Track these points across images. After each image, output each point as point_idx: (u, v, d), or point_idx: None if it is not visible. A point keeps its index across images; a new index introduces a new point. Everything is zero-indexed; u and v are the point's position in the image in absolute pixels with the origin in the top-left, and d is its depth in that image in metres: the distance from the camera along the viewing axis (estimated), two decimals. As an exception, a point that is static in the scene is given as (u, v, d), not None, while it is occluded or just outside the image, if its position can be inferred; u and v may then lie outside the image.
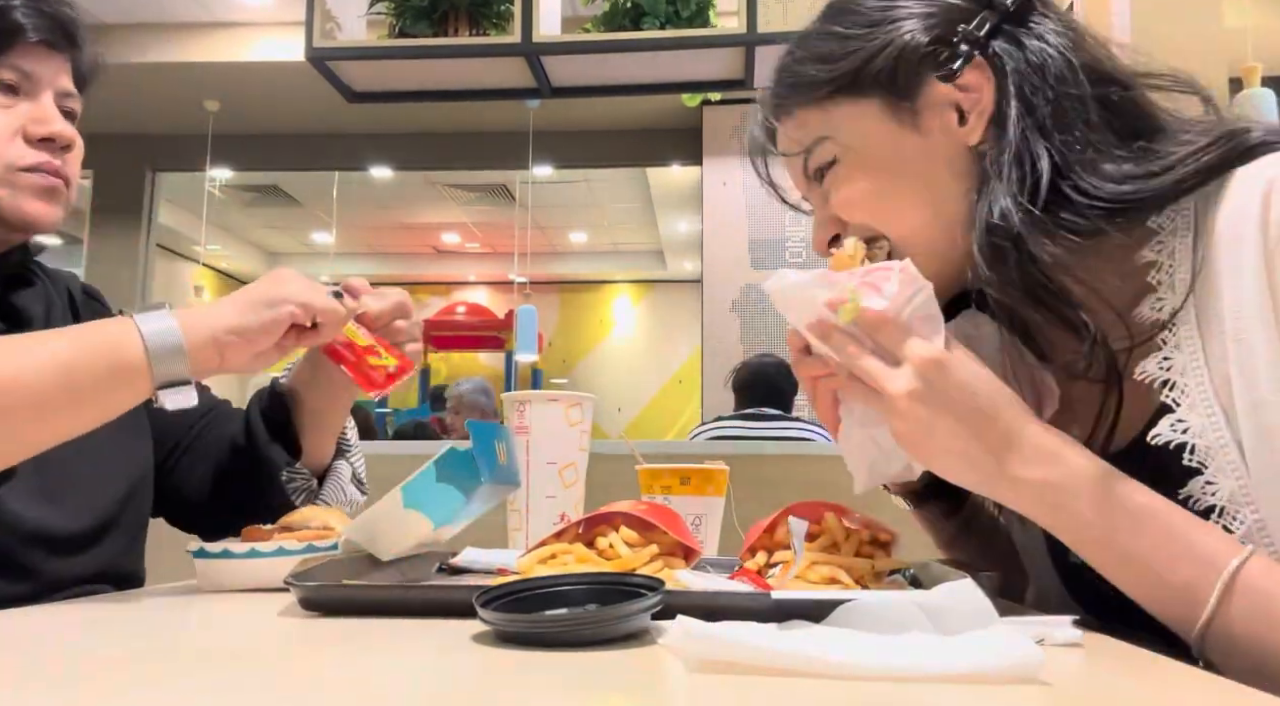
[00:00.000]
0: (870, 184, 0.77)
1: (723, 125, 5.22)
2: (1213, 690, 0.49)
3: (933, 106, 0.75)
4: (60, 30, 0.94)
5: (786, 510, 0.79)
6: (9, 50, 0.91)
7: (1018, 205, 0.69)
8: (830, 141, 0.78)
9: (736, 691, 0.45)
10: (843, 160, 0.78)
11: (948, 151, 0.75)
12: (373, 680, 0.48)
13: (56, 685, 0.47)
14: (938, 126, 0.75)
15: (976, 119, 0.74)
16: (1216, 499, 0.65)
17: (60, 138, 0.93)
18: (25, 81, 0.92)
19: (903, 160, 0.76)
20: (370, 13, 2.66)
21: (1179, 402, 0.67)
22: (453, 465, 0.76)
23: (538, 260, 8.17)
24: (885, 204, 0.77)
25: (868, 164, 0.77)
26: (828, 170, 0.79)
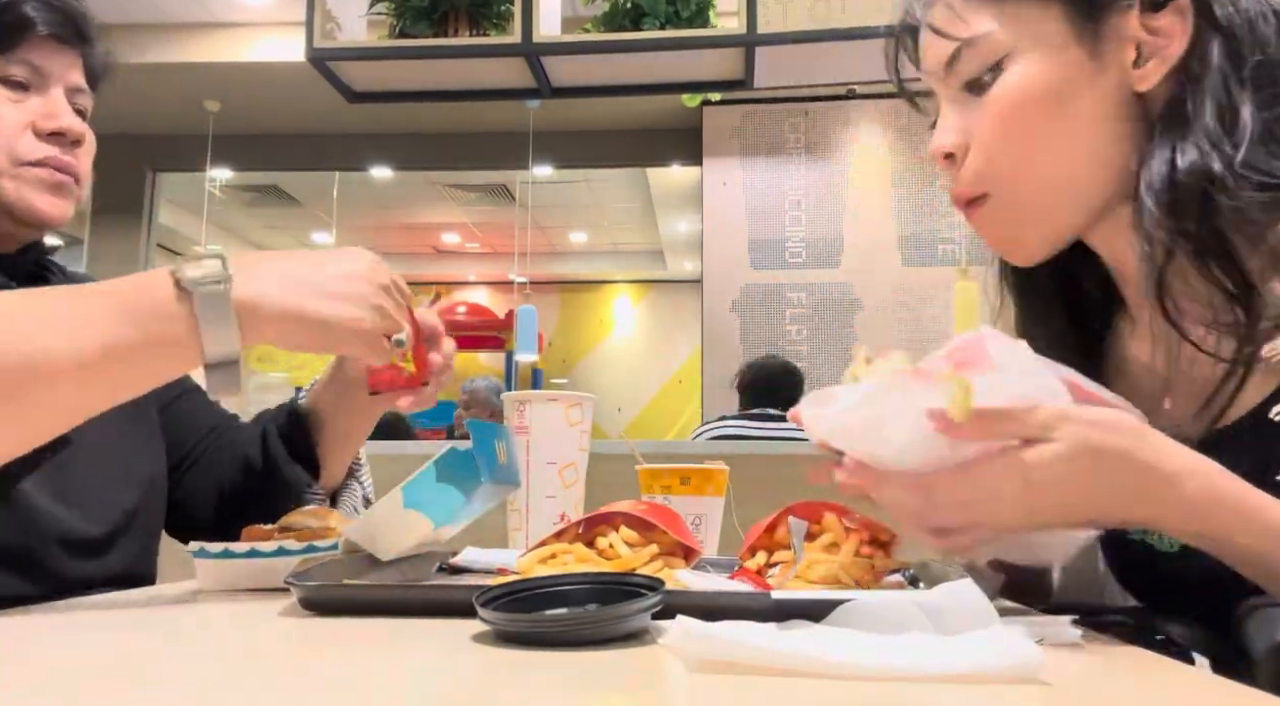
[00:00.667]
0: (1035, 94, 0.71)
1: (723, 125, 5.22)
2: (1213, 690, 0.49)
3: (1116, 36, 0.70)
4: (71, 25, 0.93)
5: (786, 510, 0.79)
6: (19, 45, 0.90)
7: (1219, 153, 0.65)
8: (997, 38, 0.71)
9: (736, 691, 0.45)
10: (1008, 67, 0.71)
11: (1116, 92, 0.71)
12: (373, 680, 0.48)
13: (56, 685, 0.47)
14: (1115, 61, 0.70)
15: (1156, 65, 0.69)
16: None
17: (70, 132, 0.92)
18: (35, 76, 0.91)
19: (1073, 85, 0.70)
20: (370, 13, 2.66)
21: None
22: (453, 465, 0.76)
23: (538, 260, 8.16)
24: (1040, 129, 0.71)
25: (1037, 77, 0.71)
26: (986, 73, 0.72)
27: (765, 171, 5.18)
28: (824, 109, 5.13)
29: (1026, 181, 0.72)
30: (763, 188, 5.16)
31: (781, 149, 5.18)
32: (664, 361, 8.97)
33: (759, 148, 5.21)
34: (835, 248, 5.05)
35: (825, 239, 5.06)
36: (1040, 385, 0.60)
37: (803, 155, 5.16)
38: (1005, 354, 0.59)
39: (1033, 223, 0.74)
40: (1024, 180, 0.72)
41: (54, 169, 0.91)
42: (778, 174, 5.16)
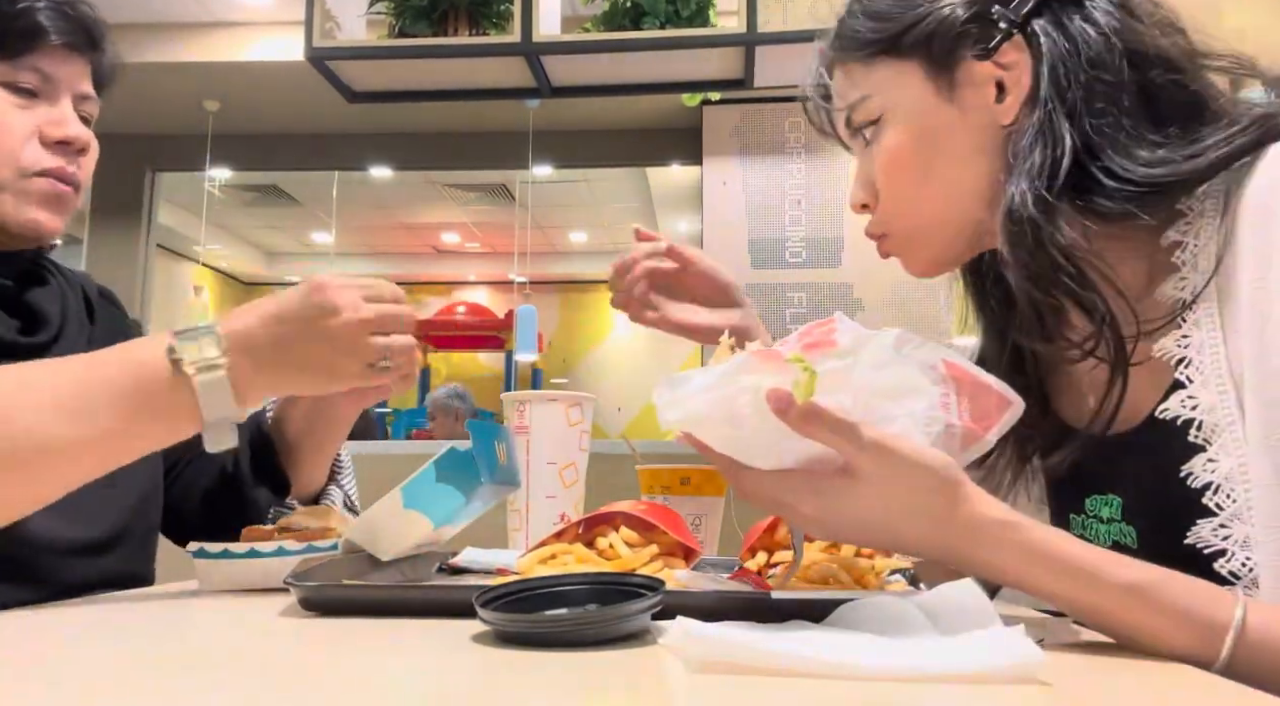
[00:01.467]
0: (905, 149, 0.78)
1: (723, 125, 5.22)
2: (1213, 690, 0.49)
3: (972, 81, 0.75)
4: (83, 33, 0.93)
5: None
6: (30, 52, 0.90)
7: (1033, 189, 0.70)
8: (873, 100, 0.79)
9: (736, 691, 0.45)
10: (884, 121, 0.79)
11: (981, 128, 0.76)
12: (373, 680, 0.48)
13: (56, 685, 0.47)
14: (975, 102, 0.76)
15: (1013, 98, 0.74)
16: (1215, 475, 0.65)
17: (76, 141, 0.92)
18: (45, 84, 0.91)
19: (936, 130, 0.77)
20: (370, 12, 2.66)
21: (1192, 379, 0.67)
22: (453, 465, 0.76)
23: (538, 260, 8.16)
24: (916, 175, 0.78)
25: (905, 128, 0.78)
26: (870, 128, 0.80)
27: (765, 171, 5.18)
28: (824, 109, 5.12)
29: (912, 219, 0.80)
30: (763, 187, 5.16)
31: (781, 149, 5.18)
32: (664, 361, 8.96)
33: (759, 147, 5.20)
34: (835, 248, 5.05)
35: (825, 239, 5.05)
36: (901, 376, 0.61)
37: (803, 155, 5.16)
38: (851, 339, 0.60)
39: (919, 251, 0.83)
40: (910, 219, 0.80)
41: (56, 179, 0.91)
42: (778, 174, 5.16)
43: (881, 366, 0.61)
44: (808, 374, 0.56)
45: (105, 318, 1.07)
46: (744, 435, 0.60)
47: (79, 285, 1.05)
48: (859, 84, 0.81)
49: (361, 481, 1.19)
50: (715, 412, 0.59)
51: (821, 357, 0.58)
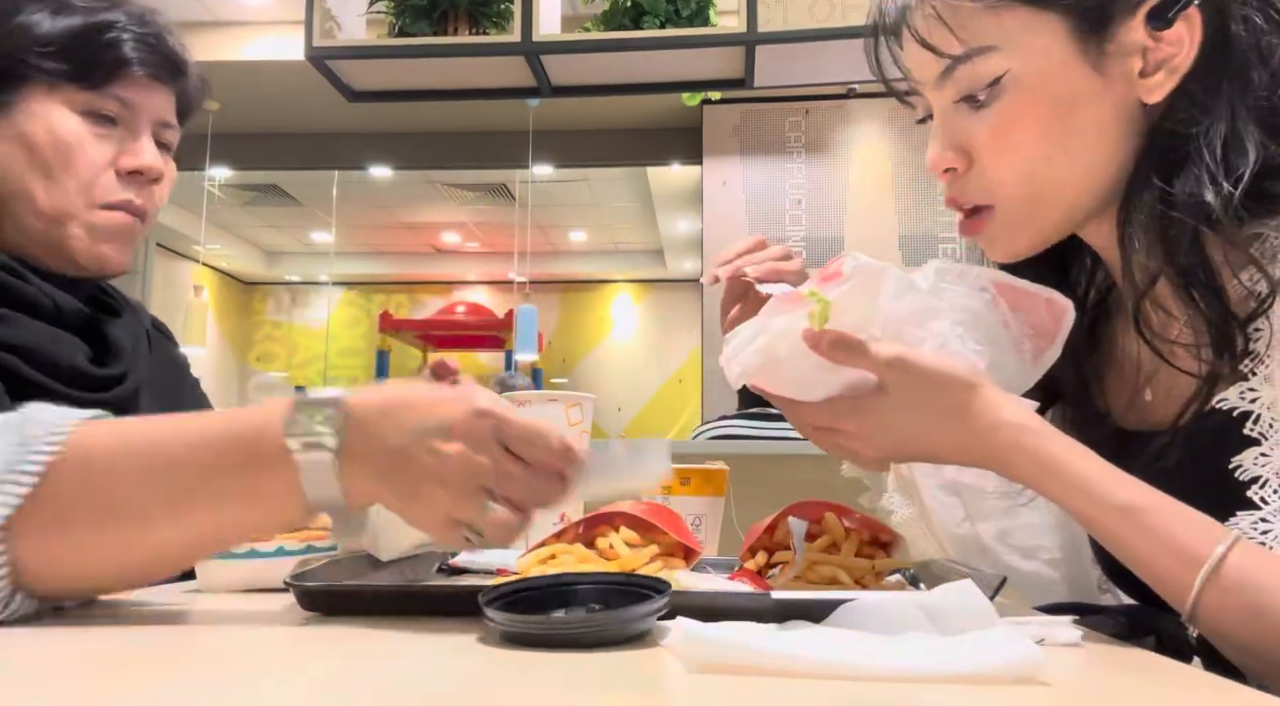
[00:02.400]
0: (1036, 114, 0.69)
1: (723, 124, 5.22)
2: (1212, 690, 0.49)
3: (1123, 49, 0.68)
4: (168, 65, 0.95)
5: (786, 510, 0.79)
6: (114, 82, 0.91)
7: (1217, 189, 0.64)
8: (998, 54, 0.69)
9: (737, 691, 0.45)
10: (1009, 79, 0.69)
11: (1120, 102, 0.69)
12: (373, 680, 0.48)
13: (56, 685, 0.47)
14: (1121, 72, 0.68)
15: (1165, 76, 0.68)
16: (1266, 470, 0.64)
17: (149, 172, 0.93)
18: (125, 112, 0.92)
19: (1074, 97, 0.68)
20: (370, 12, 2.66)
21: (1254, 372, 0.66)
22: None
23: (538, 260, 8.16)
24: (1043, 147, 0.70)
25: (1037, 90, 0.69)
26: (983, 89, 0.70)
27: (765, 171, 5.18)
28: (824, 109, 5.13)
29: (1029, 195, 0.72)
30: (763, 187, 5.17)
31: (781, 149, 5.18)
32: (664, 361, 8.97)
33: (759, 147, 5.21)
34: (835, 248, 5.05)
35: (825, 239, 5.06)
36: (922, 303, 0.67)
37: (803, 155, 5.16)
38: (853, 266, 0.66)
39: (1031, 230, 0.75)
40: (1026, 194, 0.72)
41: (127, 212, 0.92)
42: (778, 174, 5.16)
43: (902, 294, 0.67)
44: (820, 304, 0.63)
45: (160, 350, 1.08)
46: (791, 375, 0.67)
47: (141, 316, 1.06)
48: (980, 32, 0.69)
49: None
50: (763, 360, 0.66)
51: (832, 287, 0.64)
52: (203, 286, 6.27)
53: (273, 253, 9.45)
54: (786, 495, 0.84)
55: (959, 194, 0.75)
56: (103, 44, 0.89)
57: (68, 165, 0.89)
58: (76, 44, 0.89)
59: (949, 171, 0.74)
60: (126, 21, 0.91)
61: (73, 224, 0.90)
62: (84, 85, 0.90)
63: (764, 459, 2.39)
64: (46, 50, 0.88)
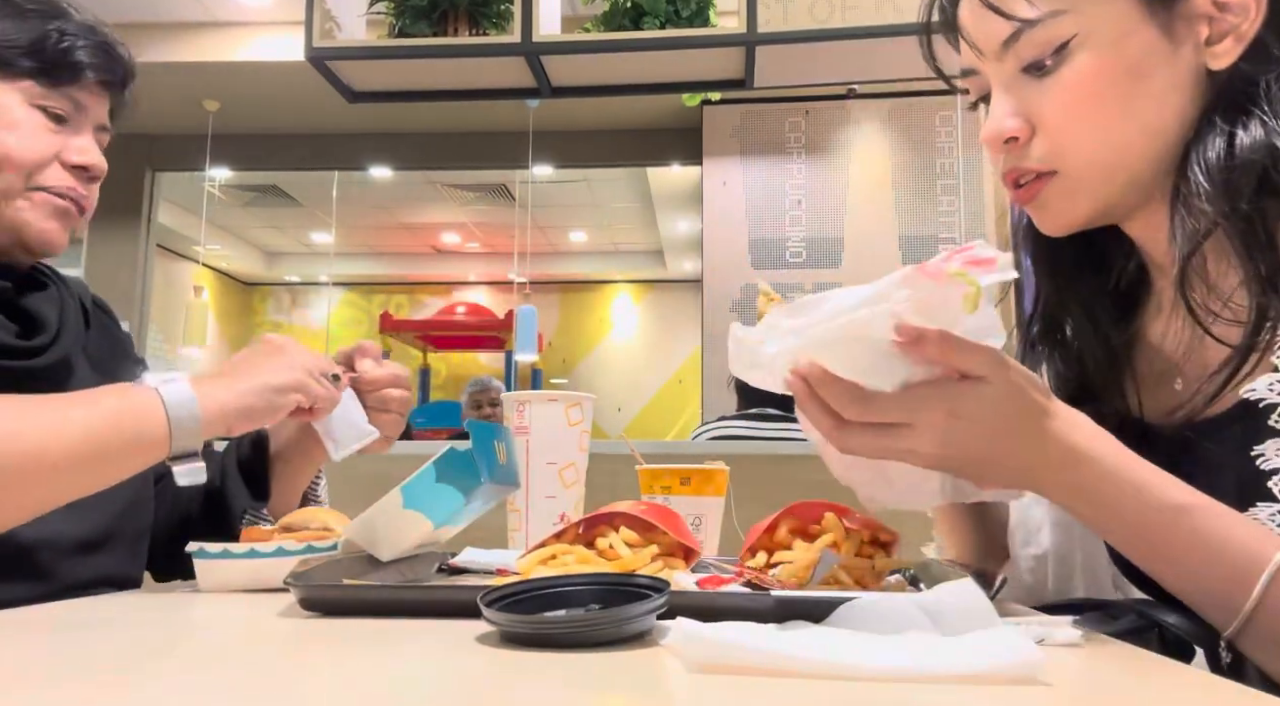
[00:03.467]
0: (1106, 77, 0.68)
1: (723, 125, 5.22)
2: (1213, 690, 0.49)
3: (1189, 14, 0.68)
4: (118, 74, 1.01)
5: (786, 510, 0.79)
6: (68, 84, 0.96)
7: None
8: (1069, 17, 0.68)
9: (737, 691, 0.45)
10: (1077, 43, 0.68)
11: (1187, 67, 0.69)
12: (373, 680, 0.48)
13: (56, 685, 0.47)
14: (1188, 37, 0.69)
15: (1233, 43, 0.68)
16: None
17: (94, 169, 0.99)
18: (75, 112, 0.98)
19: (1143, 61, 0.68)
20: (370, 13, 2.66)
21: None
22: (452, 465, 0.76)
23: (538, 260, 8.17)
24: (1112, 112, 0.69)
25: (1107, 54, 0.68)
26: (1050, 56, 0.69)
27: (765, 171, 5.18)
28: (824, 109, 5.13)
29: (1096, 160, 0.71)
30: (763, 187, 5.16)
31: (781, 149, 5.18)
32: (664, 361, 8.97)
33: (759, 147, 5.21)
34: (835, 248, 5.05)
35: (825, 239, 5.06)
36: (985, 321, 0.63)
37: (803, 155, 5.16)
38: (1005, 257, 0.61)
39: (1093, 197, 0.73)
40: (1094, 159, 0.71)
41: (68, 198, 0.97)
42: (778, 174, 5.16)
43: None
44: (974, 287, 0.59)
45: (99, 326, 1.10)
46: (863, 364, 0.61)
47: (76, 292, 1.08)
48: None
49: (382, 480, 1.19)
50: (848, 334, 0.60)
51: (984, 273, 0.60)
52: (203, 287, 6.28)
53: (273, 253, 9.45)
54: (786, 495, 0.84)
55: (1021, 162, 0.73)
56: (62, 49, 0.96)
57: (17, 147, 0.93)
58: (39, 46, 0.95)
59: (1010, 142, 0.73)
60: (79, 30, 0.97)
61: (17, 200, 0.94)
62: (43, 83, 0.95)
63: (764, 459, 2.39)
64: (12, 49, 0.93)
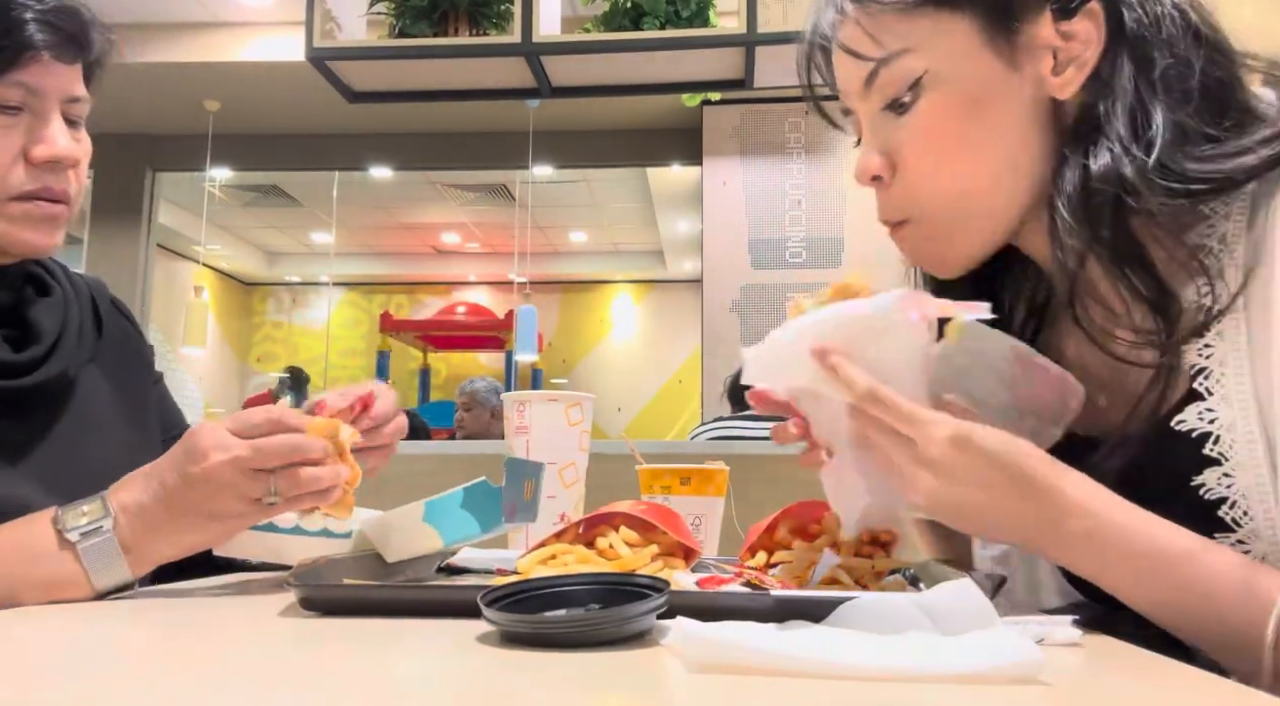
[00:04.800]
0: (953, 115, 0.70)
1: (723, 125, 5.22)
2: (1213, 690, 0.49)
3: (1031, 45, 0.69)
4: (74, 43, 0.87)
5: (786, 510, 0.79)
6: (15, 68, 0.84)
7: (1130, 158, 0.66)
8: (914, 55, 0.70)
9: (737, 691, 0.45)
10: (926, 82, 0.70)
11: (1034, 99, 0.70)
12: (373, 680, 0.48)
13: (56, 684, 0.47)
14: (1032, 70, 0.70)
15: (1075, 71, 0.69)
16: (1231, 492, 0.64)
17: (65, 160, 0.87)
18: (31, 97, 0.85)
19: (989, 97, 0.69)
20: (370, 13, 2.66)
21: (1211, 392, 0.66)
22: (480, 498, 0.78)
23: (538, 260, 8.17)
24: (962, 146, 0.70)
25: (953, 92, 0.70)
26: (905, 93, 0.71)
27: (765, 171, 5.18)
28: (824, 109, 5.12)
29: (946, 205, 0.72)
30: (763, 188, 5.16)
31: (781, 149, 5.18)
32: (664, 361, 8.97)
33: (759, 148, 5.20)
34: (835, 248, 5.05)
35: (825, 239, 5.06)
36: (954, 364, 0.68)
37: (803, 155, 5.16)
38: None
39: (953, 241, 0.74)
40: (944, 204, 0.72)
41: (46, 201, 0.87)
42: (778, 174, 5.16)
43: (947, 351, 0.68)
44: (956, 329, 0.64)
45: (116, 332, 1.03)
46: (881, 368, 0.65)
47: (87, 294, 1.01)
48: (895, 36, 0.70)
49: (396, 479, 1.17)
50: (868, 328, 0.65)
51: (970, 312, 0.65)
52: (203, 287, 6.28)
53: (273, 253, 9.46)
54: (786, 495, 0.84)
55: (890, 211, 0.75)
56: (2, 29, 0.82)
57: None
58: None
59: (876, 181, 0.74)
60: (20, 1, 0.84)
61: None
62: None
63: (764, 459, 2.39)
64: None
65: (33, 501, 0.83)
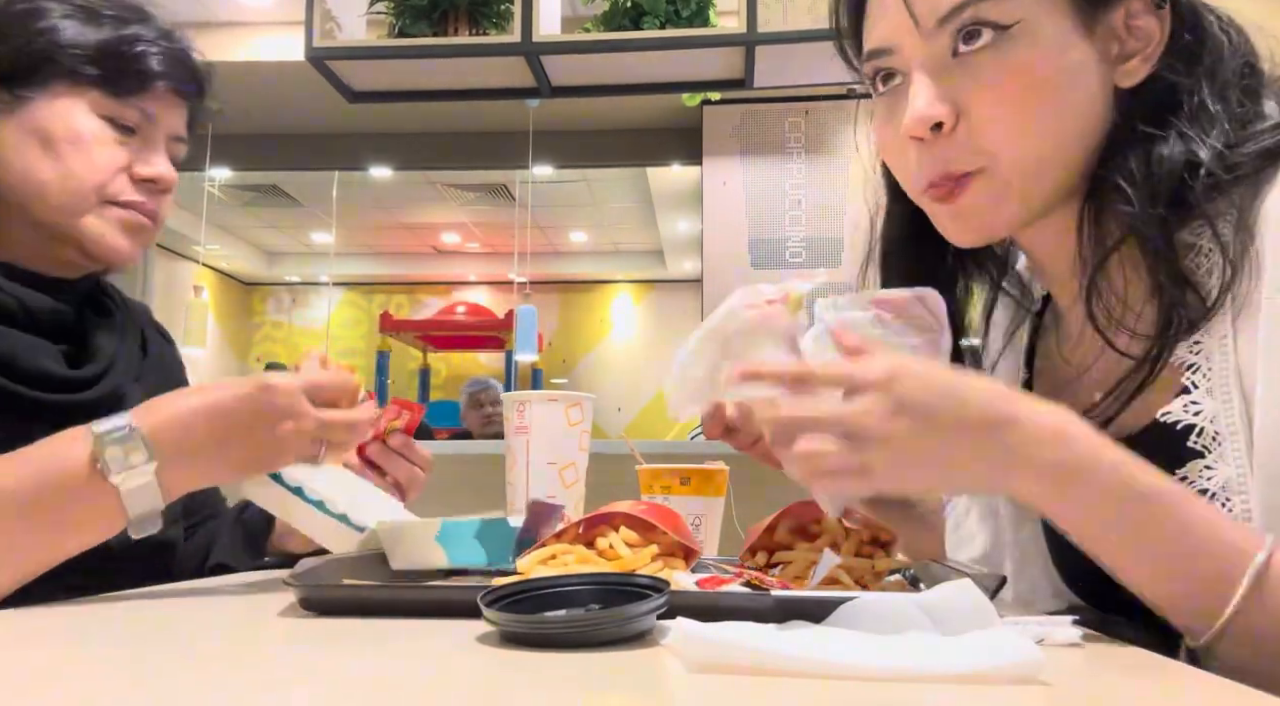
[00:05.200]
0: (1042, 72, 0.68)
1: (723, 125, 5.22)
2: (1212, 690, 0.49)
3: (1112, 30, 0.70)
4: (193, 80, 0.97)
5: (786, 510, 0.79)
6: (139, 93, 0.92)
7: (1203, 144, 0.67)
8: (1012, 2, 0.68)
9: (737, 691, 0.45)
10: (1019, 32, 0.67)
11: (1104, 80, 0.71)
12: (373, 680, 0.48)
13: (56, 684, 0.47)
14: (1106, 51, 0.70)
15: (1140, 62, 0.70)
16: (1212, 484, 0.65)
17: (162, 182, 0.95)
18: (145, 123, 0.94)
19: (1072, 64, 0.69)
20: (370, 13, 2.66)
21: (1197, 385, 0.67)
22: (495, 533, 0.79)
23: (538, 260, 8.16)
24: (1042, 97, 0.68)
25: (1044, 51, 0.68)
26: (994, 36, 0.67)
27: (765, 171, 5.18)
28: (824, 109, 5.13)
29: (1029, 155, 0.69)
30: (763, 188, 5.16)
31: (781, 149, 5.18)
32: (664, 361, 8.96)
33: (759, 147, 5.20)
34: (835, 247, 5.05)
35: (825, 239, 5.06)
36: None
37: (803, 155, 5.16)
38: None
39: (1021, 198, 0.71)
40: (1027, 154, 0.69)
41: (138, 212, 0.93)
42: (778, 174, 5.16)
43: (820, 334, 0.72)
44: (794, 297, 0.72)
45: (156, 353, 1.07)
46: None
47: (138, 318, 1.05)
48: None
49: None
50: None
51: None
52: (203, 287, 6.28)
53: (273, 253, 9.45)
54: (786, 495, 0.84)
55: (946, 153, 0.70)
56: (133, 56, 0.91)
57: (84, 161, 0.90)
58: (107, 53, 0.90)
59: (935, 130, 0.69)
60: (155, 36, 0.93)
61: (88, 215, 0.91)
62: (110, 92, 0.91)
63: (764, 459, 2.39)
64: (77, 54, 0.89)
65: None
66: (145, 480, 0.73)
